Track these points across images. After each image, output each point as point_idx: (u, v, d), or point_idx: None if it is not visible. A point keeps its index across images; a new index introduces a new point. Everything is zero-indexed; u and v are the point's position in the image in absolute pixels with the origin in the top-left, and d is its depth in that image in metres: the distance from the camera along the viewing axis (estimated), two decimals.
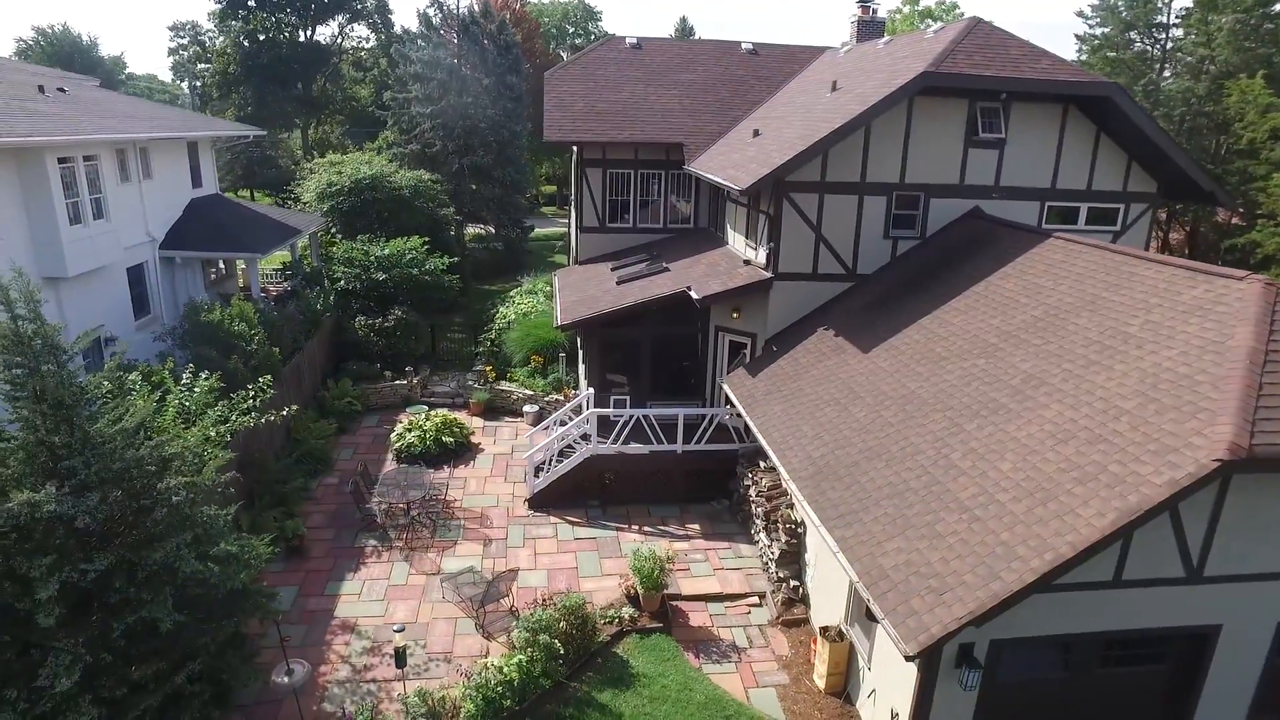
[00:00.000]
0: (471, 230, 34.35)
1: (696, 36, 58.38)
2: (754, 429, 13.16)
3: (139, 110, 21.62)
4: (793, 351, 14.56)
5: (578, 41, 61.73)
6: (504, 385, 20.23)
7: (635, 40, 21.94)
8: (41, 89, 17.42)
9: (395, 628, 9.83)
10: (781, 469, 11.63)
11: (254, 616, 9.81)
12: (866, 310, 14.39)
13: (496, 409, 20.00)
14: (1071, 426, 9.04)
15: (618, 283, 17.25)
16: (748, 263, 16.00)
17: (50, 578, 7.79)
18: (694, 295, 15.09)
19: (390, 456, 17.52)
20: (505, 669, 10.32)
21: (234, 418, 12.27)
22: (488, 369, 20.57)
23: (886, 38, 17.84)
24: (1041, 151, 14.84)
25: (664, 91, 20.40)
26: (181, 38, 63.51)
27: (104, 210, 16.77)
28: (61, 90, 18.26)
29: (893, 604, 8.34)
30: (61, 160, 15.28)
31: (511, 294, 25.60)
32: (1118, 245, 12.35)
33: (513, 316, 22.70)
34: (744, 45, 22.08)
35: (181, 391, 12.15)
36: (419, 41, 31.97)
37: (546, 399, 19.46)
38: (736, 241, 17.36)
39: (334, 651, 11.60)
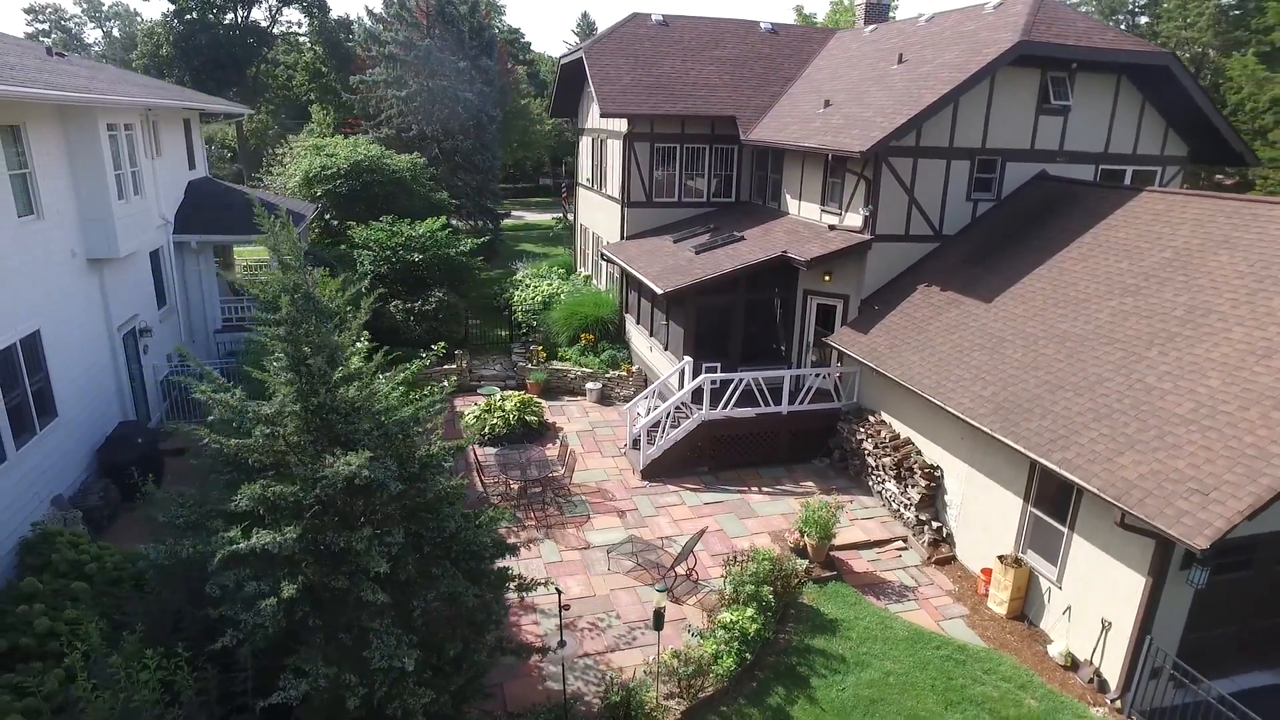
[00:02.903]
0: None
1: (598, 30, 58.33)
2: (896, 379, 13.62)
3: (138, 80, 19.36)
4: (900, 308, 15.18)
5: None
6: (556, 364, 19.73)
7: (661, 17, 21.93)
8: (50, 52, 15.29)
9: (658, 587, 9.55)
10: (954, 411, 12.16)
11: (504, 589, 9.21)
12: (965, 267, 15.21)
13: (553, 388, 19.48)
14: (1268, 344, 10.08)
15: (695, 252, 17.26)
16: (832, 228, 16.48)
17: (369, 551, 7.06)
18: (797, 259, 15.39)
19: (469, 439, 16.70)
20: (740, 623, 10.28)
21: (385, 390, 11.39)
22: (539, 349, 19.99)
23: (929, 14, 18.82)
24: (1097, 118, 16.22)
25: (702, 67, 20.55)
26: (41, 22, 57.07)
27: (140, 185, 14.99)
28: (62, 55, 16.08)
29: (1156, 508, 9.01)
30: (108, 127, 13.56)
31: (518, 278, 24.89)
32: (1223, 194, 13.74)
33: (538, 299, 22.15)
34: (762, 25, 22.59)
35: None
36: (391, 22, 30.29)
37: (607, 376, 19.19)
38: (804, 210, 17.80)
39: (527, 632, 11.08)
